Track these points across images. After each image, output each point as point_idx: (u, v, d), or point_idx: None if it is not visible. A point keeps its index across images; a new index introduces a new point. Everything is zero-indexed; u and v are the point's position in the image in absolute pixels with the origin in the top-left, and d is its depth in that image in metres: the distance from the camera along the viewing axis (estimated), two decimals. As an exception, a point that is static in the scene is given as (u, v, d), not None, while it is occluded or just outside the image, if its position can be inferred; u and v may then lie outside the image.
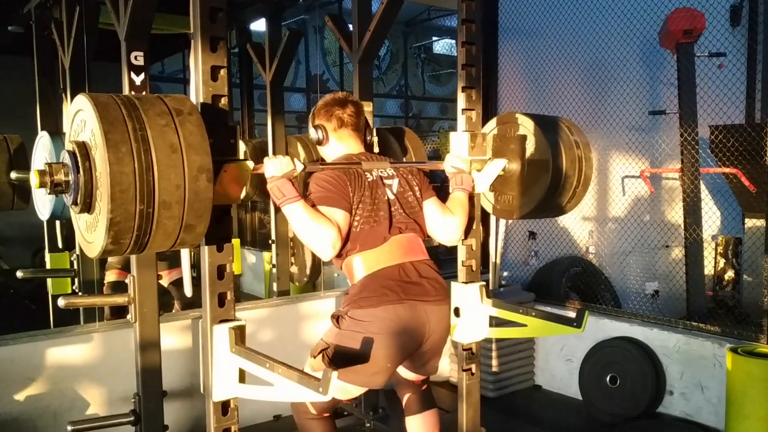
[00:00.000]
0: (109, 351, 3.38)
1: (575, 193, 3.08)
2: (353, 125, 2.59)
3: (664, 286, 5.60)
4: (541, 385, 4.58)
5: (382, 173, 2.52)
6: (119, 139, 1.86)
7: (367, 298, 2.36)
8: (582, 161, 3.04)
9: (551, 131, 2.98)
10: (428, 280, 2.46)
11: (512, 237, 5.47)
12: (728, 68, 5.18)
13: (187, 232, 2.05)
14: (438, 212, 2.58)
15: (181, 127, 1.97)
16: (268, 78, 4.92)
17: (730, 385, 3.27)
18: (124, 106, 1.94)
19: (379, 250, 2.41)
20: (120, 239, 1.92)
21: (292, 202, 2.24)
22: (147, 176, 1.88)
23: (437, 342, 2.51)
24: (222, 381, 2.41)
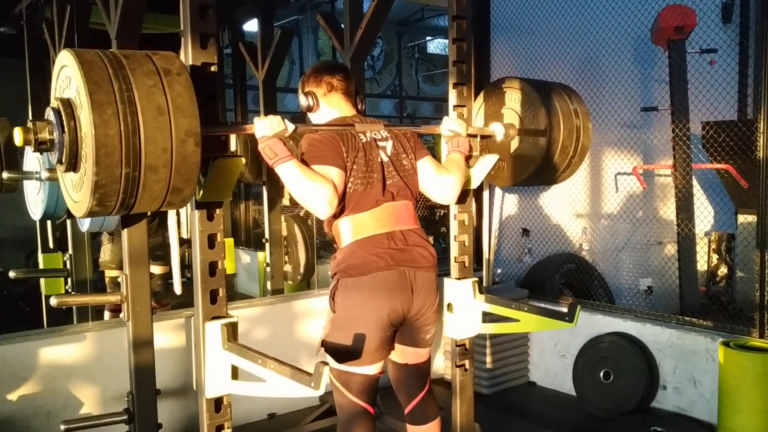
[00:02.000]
0: (102, 350, 3.38)
1: (570, 164, 3.08)
2: (343, 89, 2.54)
3: (658, 282, 5.61)
4: (535, 382, 4.58)
5: (375, 135, 2.46)
6: (105, 101, 1.82)
7: (355, 266, 2.35)
8: (580, 131, 3.01)
9: (550, 98, 2.96)
10: (417, 248, 2.44)
11: (505, 234, 5.48)
12: (720, 64, 5.19)
13: (174, 195, 2.03)
14: (433, 170, 2.54)
15: (169, 88, 1.93)
16: (261, 77, 4.92)
17: (723, 379, 3.28)
18: (110, 64, 1.89)
19: (369, 215, 2.38)
20: (105, 201, 1.91)
21: (285, 161, 2.17)
22: (133, 139, 1.85)
23: (425, 307, 2.46)
24: (215, 378, 2.42)
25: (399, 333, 2.48)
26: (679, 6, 4.86)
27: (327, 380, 2.01)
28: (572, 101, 3.07)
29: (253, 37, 6.55)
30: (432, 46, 15.60)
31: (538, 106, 2.95)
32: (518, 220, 5.51)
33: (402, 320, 2.42)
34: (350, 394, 2.42)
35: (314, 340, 4.13)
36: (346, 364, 2.38)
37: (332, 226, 2.45)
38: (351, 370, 2.39)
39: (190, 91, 1.98)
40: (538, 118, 2.95)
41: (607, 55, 5.01)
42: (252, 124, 2.22)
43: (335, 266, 2.43)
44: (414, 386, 2.60)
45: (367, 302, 2.34)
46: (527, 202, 5.45)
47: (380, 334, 2.37)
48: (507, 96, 3.09)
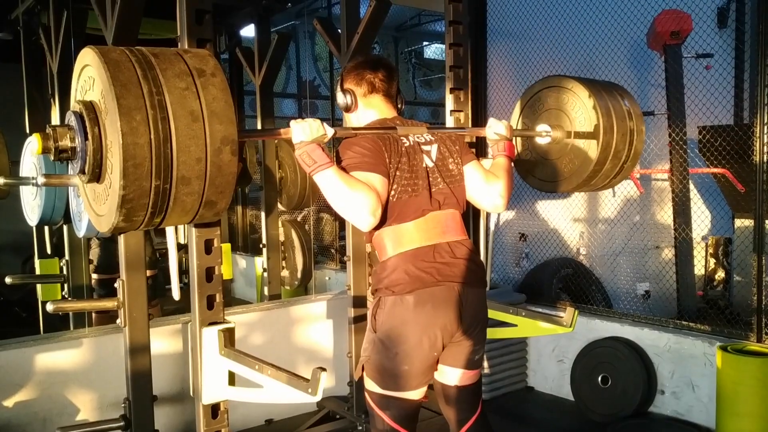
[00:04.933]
0: (98, 356, 3.36)
1: (622, 169, 2.94)
2: (384, 91, 2.37)
3: (655, 287, 5.62)
4: (533, 387, 4.58)
5: (419, 139, 2.29)
6: (133, 106, 1.66)
7: (398, 283, 2.17)
8: (634, 134, 2.87)
9: (604, 100, 2.82)
10: (465, 261, 2.26)
11: (503, 239, 5.48)
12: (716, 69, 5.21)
13: (206, 209, 1.89)
14: (482, 177, 2.37)
15: (203, 90, 1.77)
16: (258, 82, 4.92)
17: (721, 384, 3.28)
18: (139, 64, 1.72)
19: (414, 226, 2.21)
20: (133, 216, 1.76)
21: (324, 169, 2.02)
22: (164, 149, 1.69)
23: (475, 327, 2.28)
24: (211, 383, 2.41)
25: (447, 353, 2.27)
26: (674, 11, 4.88)
27: (324, 385, 2.00)
28: (625, 101, 2.90)
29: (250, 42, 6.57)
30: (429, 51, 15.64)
31: (589, 107, 2.78)
32: (516, 224, 5.51)
33: (450, 340, 2.23)
34: (391, 421, 2.25)
35: (311, 346, 4.17)
36: (388, 389, 2.23)
37: (373, 238, 2.27)
38: (393, 395, 2.24)
39: (227, 94, 1.82)
40: (590, 120, 2.79)
41: (604, 60, 5.02)
42: (288, 128, 2.09)
43: (376, 282, 2.25)
44: (465, 410, 2.39)
45: (413, 322, 2.16)
46: (525, 207, 5.46)
47: (426, 357, 2.20)
48: (554, 95, 2.94)
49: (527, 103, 3.08)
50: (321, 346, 4.19)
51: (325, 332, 4.20)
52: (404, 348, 2.18)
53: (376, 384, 2.26)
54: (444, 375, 2.35)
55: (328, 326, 4.21)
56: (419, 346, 2.18)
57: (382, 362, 2.22)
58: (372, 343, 2.25)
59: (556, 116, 2.94)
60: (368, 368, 2.28)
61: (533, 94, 3.06)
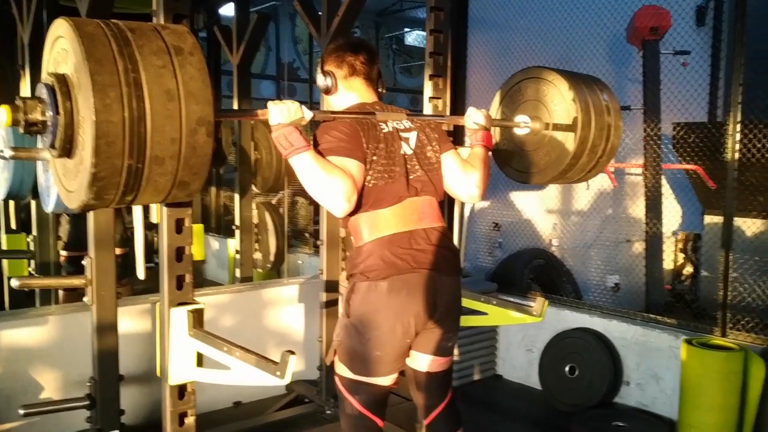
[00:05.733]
0: (64, 334, 3.31)
1: (598, 163, 2.94)
2: (365, 74, 2.34)
3: (625, 280, 5.69)
4: (501, 375, 4.62)
5: (398, 125, 2.28)
6: (108, 82, 1.62)
7: (373, 268, 2.16)
8: (611, 129, 2.87)
9: (583, 93, 2.80)
10: (440, 249, 2.25)
11: (477, 227, 5.50)
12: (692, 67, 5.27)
13: (180, 189, 1.87)
14: (459, 166, 2.36)
15: (180, 69, 1.73)
16: (236, 62, 4.85)
17: (685, 376, 3.34)
18: (115, 39, 1.68)
19: (391, 212, 2.19)
20: (103, 195, 1.73)
21: (300, 152, 2.00)
22: (139, 128, 1.66)
23: (448, 315, 2.28)
24: (179, 364, 2.38)
25: (419, 340, 2.27)
26: (654, 7, 4.91)
27: (293, 369, 1.99)
28: (604, 96, 2.89)
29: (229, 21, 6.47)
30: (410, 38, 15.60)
31: (568, 100, 2.76)
32: (490, 213, 5.54)
33: (423, 327, 2.23)
34: (360, 406, 2.24)
35: (282, 329, 4.15)
36: (359, 374, 2.22)
37: (349, 222, 2.25)
38: (364, 380, 2.23)
39: (204, 73, 1.78)
40: (568, 113, 2.77)
41: (583, 53, 5.04)
42: (265, 109, 2.05)
43: (351, 267, 2.24)
44: (435, 396, 2.40)
45: (387, 308, 2.15)
46: (499, 196, 5.48)
47: (399, 343, 2.20)
48: (534, 86, 2.92)
49: (507, 93, 3.07)
50: (292, 330, 4.18)
51: (297, 316, 4.19)
52: (377, 334, 2.17)
53: (347, 369, 2.25)
54: (415, 361, 2.36)
55: (300, 310, 4.19)
56: (392, 332, 2.18)
57: (354, 347, 2.22)
58: (345, 328, 2.24)
59: (536, 107, 2.94)
60: (340, 353, 2.27)
61: (513, 84, 3.05)
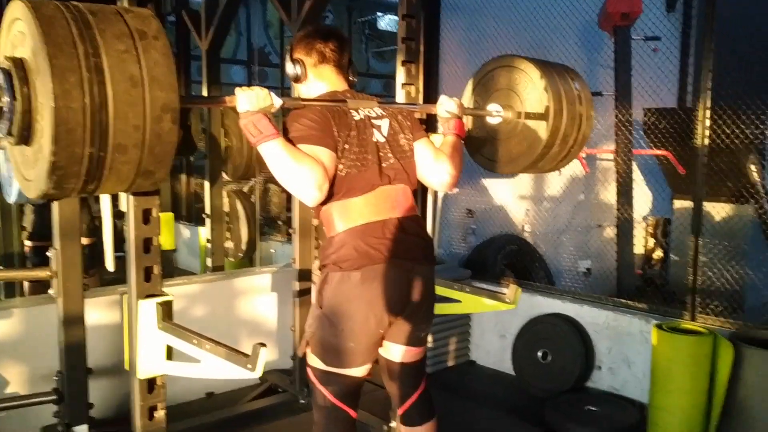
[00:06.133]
0: (30, 327, 3.23)
1: (569, 153, 2.94)
2: (335, 61, 2.30)
3: (597, 264, 5.76)
4: (475, 361, 4.63)
5: (369, 113, 2.24)
6: (67, 67, 1.57)
7: (346, 258, 2.13)
8: (582, 119, 2.87)
9: (555, 82, 2.80)
10: (414, 238, 2.23)
11: (450, 214, 5.50)
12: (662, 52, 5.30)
13: (144, 178, 1.83)
14: (431, 154, 2.33)
15: (144, 54, 1.69)
16: (204, 47, 4.76)
17: (655, 361, 3.37)
18: (75, 22, 1.62)
19: (363, 201, 2.16)
20: (64, 184, 1.68)
21: (269, 140, 1.95)
22: (100, 114, 1.62)
23: (423, 305, 2.27)
24: (148, 357, 2.34)
25: (392, 330, 2.25)
26: (626, -8, 4.93)
27: (264, 361, 1.96)
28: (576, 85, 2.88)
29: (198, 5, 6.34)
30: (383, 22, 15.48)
31: (541, 89, 2.76)
32: (463, 200, 5.54)
33: (396, 317, 2.21)
34: (333, 397, 2.22)
35: (254, 318, 4.11)
36: (332, 366, 2.20)
37: (321, 212, 2.21)
38: (336, 371, 2.20)
39: (169, 59, 1.74)
40: (540, 102, 2.76)
41: (555, 38, 5.04)
42: (233, 95, 2.00)
43: (324, 258, 2.20)
44: (409, 386, 2.39)
45: (359, 298, 2.13)
46: (473, 183, 5.48)
47: (372, 334, 2.18)
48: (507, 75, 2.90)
49: (480, 81, 3.06)
50: (264, 320, 4.14)
51: (269, 305, 4.15)
52: (350, 325, 2.15)
53: (319, 360, 2.23)
54: (389, 351, 2.34)
55: (272, 299, 4.15)
56: (365, 323, 2.15)
57: (327, 338, 2.19)
58: (317, 319, 2.21)
59: (508, 96, 2.93)
60: (312, 344, 2.24)
61: (486, 73, 3.03)
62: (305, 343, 2.28)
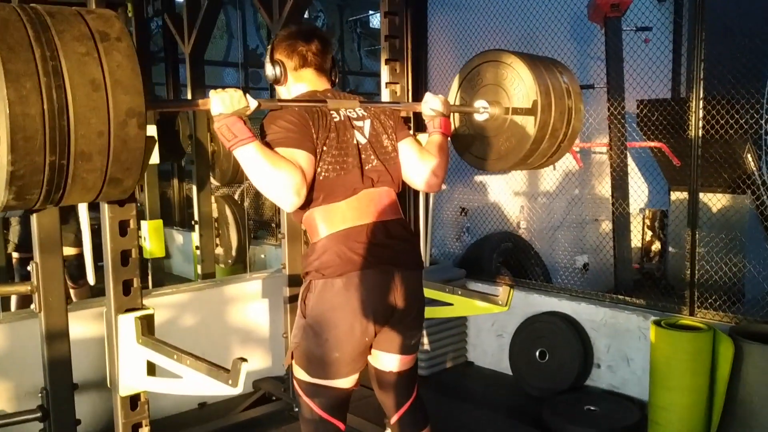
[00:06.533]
0: (13, 343, 3.16)
1: (560, 148, 2.89)
2: (317, 65, 2.23)
3: (594, 259, 5.68)
4: (473, 361, 4.57)
5: (350, 113, 2.16)
6: (22, 71, 1.50)
7: (328, 265, 2.05)
8: (572, 113, 2.82)
9: (543, 76, 2.74)
10: (400, 242, 2.16)
11: (443, 213, 5.43)
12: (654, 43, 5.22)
13: (112, 187, 1.76)
14: (416, 154, 2.25)
15: (106, 56, 1.62)
16: (188, 50, 4.69)
17: (654, 358, 3.30)
18: (31, 24, 1.55)
19: (345, 205, 2.08)
20: (25, 194, 1.61)
21: (244, 144, 1.87)
22: (60, 120, 1.55)
23: (410, 311, 2.18)
24: (129, 374, 2.28)
25: (381, 338, 2.17)
26: (615, -17, 4.85)
27: (245, 376, 1.89)
28: (564, 78, 2.83)
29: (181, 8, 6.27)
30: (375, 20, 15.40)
31: (528, 83, 2.70)
32: (456, 198, 5.47)
33: (383, 326, 2.13)
34: (320, 410, 2.14)
35: (246, 326, 4.04)
36: (318, 377, 2.13)
37: (303, 218, 2.13)
38: (322, 383, 2.13)
39: (132, 60, 1.66)
40: (528, 97, 2.71)
41: (545, 31, 4.96)
42: (207, 98, 1.92)
43: (306, 265, 2.13)
44: (401, 395, 2.31)
45: (344, 306, 2.05)
46: (466, 181, 5.41)
47: (358, 343, 2.09)
48: (493, 70, 2.84)
49: (466, 77, 2.99)
50: (256, 326, 4.07)
51: (261, 312, 4.08)
52: (335, 334, 2.08)
53: (304, 372, 2.16)
54: (379, 360, 2.27)
55: (264, 305, 4.08)
56: (350, 332, 2.08)
57: (311, 349, 2.12)
58: (301, 329, 2.14)
59: (495, 92, 2.87)
60: (297, 355, 2.17)
61: (472, 69, 2.97)
62: (290, 355, 2.21)
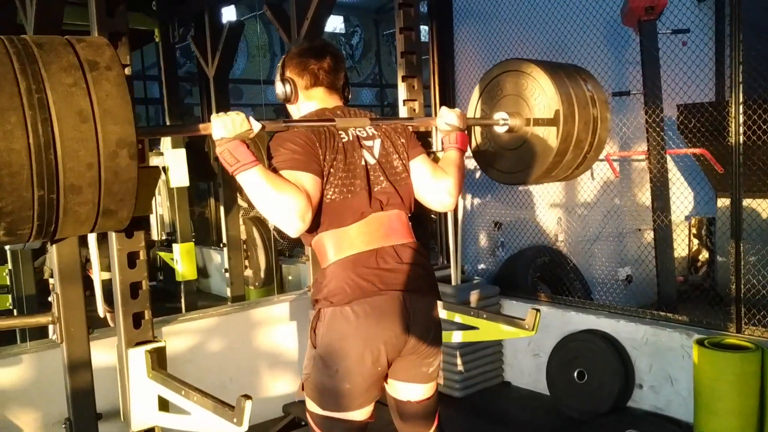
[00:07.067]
0: (40, 372, 3.17)
1: (585, 159, 2.77)
2: (329, 83, 2.15)
3: (637, 271, 5.46)
4: (510, 382, 4.42)
5: (360, 133, 2.08)
6: (7, 106, 1.48)
7: (336, 292, 1.98)
8: (597, 122, 2.70)
9: (564, 85, 2.63)
10: (411, 267, 2.05)
11: (476, 228, 5.30)
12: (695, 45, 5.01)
13: (106, 218, 1.71)
14: (429, 172, 2.15)
15: (95, 86, 1.58)
16: (211, 73, 4.70)
17: (698, 380, 3.12)
18: (18, 57, 1.53)
19: (353, 229, 2.01)
20: (17, 230, 1.59)
21: (247, 169, 1.81)
22: (47, 154, 1.52)
23: (425, 339, 2.07)
24: (140, 408, 2.23)
25: (397, 368, 2.09)
26: (649, -15, 4.66)
27: (249, 414, 1.82)
28: (588, 86, 2.72)
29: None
30: (411, 33, 15.35)
31: (549, 93, 2.60)
32: (490, 212, 5.33)
33: (397, 355, 2.04)
34: None
35: (274, 349, 3.98)
36: (330, 410, 2.04)
37: (313, 242, 2.07)
38: (335, 416, 2.03)
39: (122, 89, 1.63)
40: (550, 107, 2.60)
41: (577, 38, 4.81)
42: (208, 123, 1.87)
43: (316, 292, 2.06)
44: (421, 425, 2.22)
45: (354, 335, 1.96)
46: (499, 194, 5.27)
47: (369, 373, 2.00)
48: (513, 80, 2.74)
49: (485, 88, 2.88)
50: (285, 349, 4.01)
51: (289, 334, 4.02)
52: (345, 365, 1.99)
53: (316, 404, 2.07)
54: (396, 390, 2.18)
55: (292, 328, 4.02)
56: (361, 362, 1.99)
57: (322, 381, 2.03)
58: (312, 359, 2.06)
59: (515, 103, 2.75)
60: (308, 387, 2.09)
61: (491, 79, 2.86)
62: (300, 387, 2.13)
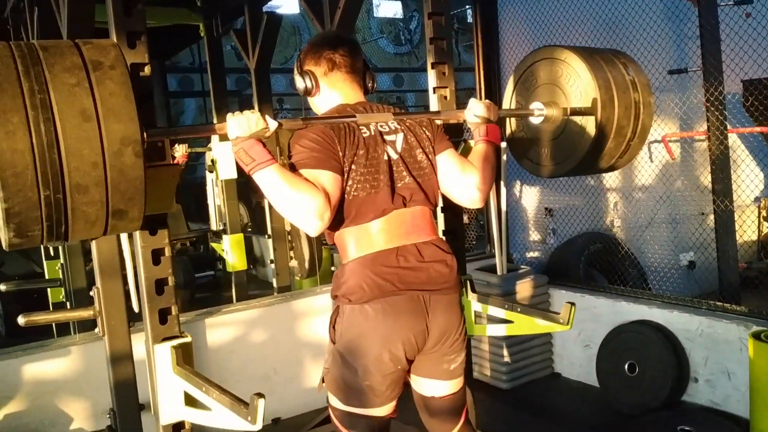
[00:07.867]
0: (88, 363, 3.28)
1: (629, 147, 2.64)
2: (348, 66, 2.11)
3: (701, 256, 5.20)
4: (560, 373, 4.30)
5: (382, 127, 2.04)
6: (9, 107, 1.49)
7: (355, 291, 1.96)
8: (639, 107, 2.57)
9: (602, 70, 2.52)
10: (433, 265, 2.02)
11: (525, 215, 5.16)
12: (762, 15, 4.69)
13: (117, 218, 1.71)
14: (456, 167, 2.10)
15: (98, 86, 1.59)
16: (252, 66, 4.72)
17: (754, 375, 2.94)
18: (22, 60, 1.56)
19: (374, 226, 1.98)
20: (26, 231, 1.60)
21: (263, 167, 1.79)
22: (50, 154, 1.53)
23: (446, 336, 2.03)
24: (169, 403, 2.26)
25: (420, 365, 2.07)
26: (707, -46, 4.39)
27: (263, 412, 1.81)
28: (629, 70, 2.59)
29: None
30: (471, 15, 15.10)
31: (585, 79, 2.49)
32: (541, 198, 5.17)
33: (417, 353, 2.02)
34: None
35: (317, 340, 3.99)
36: (351, 405, 2.03)
37: (335, 237, 2.05)
38: (357, 412, 2.02)
39: (126, 88, 1.63)
40: (587, 94, 2.50)
41: (634, 14, 4.58)
42: (224, 123, 1.87)
43: (334, 288, 2.04)
44: (446, 421, 2.19)
45: (372, 334, 1.95)
46: (549, 180, 5.10)
47: (389, 371, 1.98)
48: (547, 68, 2.64)
49: (520, 78, 2.80)
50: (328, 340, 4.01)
51: (332, 325, 4.02)
52: (364, 362, 1.97)
53: (338, 400, 2.06)
54: (420, 386, 2.15)
55: (335, 319, 4.02)
56: (379, 360, 1.96)
57: (343, 376, 2.02)
58: (332, 354, 2.05)
59: (551, 91, 2.65)
60: (328, 382, 2.08)
61: (525, 69, 2.78)
62: (321, 381, 2.12)
